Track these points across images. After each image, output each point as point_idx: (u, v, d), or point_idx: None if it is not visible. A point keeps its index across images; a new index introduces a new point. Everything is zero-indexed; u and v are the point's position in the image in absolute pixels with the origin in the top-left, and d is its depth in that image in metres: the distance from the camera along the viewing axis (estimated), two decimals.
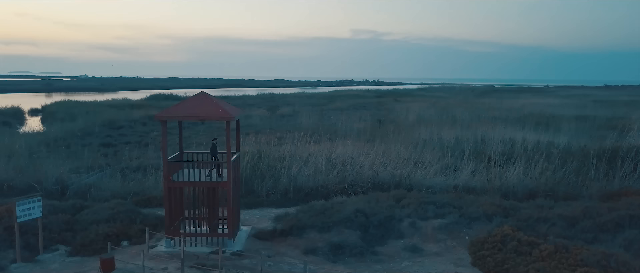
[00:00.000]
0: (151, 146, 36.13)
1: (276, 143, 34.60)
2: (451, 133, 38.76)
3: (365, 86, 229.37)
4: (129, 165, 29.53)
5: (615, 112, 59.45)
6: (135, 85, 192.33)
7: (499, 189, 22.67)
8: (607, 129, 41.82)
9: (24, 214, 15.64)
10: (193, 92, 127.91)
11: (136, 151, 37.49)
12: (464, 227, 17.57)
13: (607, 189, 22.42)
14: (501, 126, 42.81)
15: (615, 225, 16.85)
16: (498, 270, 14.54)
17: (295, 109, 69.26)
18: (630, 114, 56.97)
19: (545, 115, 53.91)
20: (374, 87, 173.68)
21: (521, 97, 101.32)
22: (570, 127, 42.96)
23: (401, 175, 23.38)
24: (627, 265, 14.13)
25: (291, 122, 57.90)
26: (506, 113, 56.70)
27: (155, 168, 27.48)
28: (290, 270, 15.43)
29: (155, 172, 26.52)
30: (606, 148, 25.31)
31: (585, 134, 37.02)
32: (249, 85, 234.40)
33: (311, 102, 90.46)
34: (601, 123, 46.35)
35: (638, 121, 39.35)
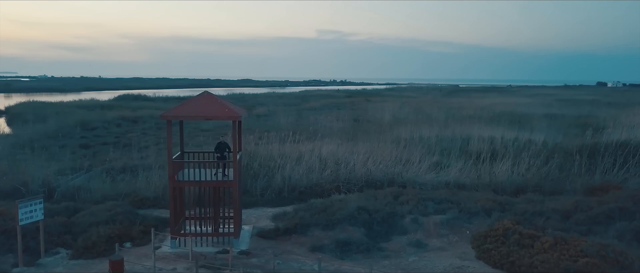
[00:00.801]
0: (134, 147, 35.49)
1: (260, 143, 34.56)
2: (431, 131, 39.52)
3: (333, 85, 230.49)
4: (113, 166, 28.96)
5: (581, 110, 61.83)
6: (99, 85, 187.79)
7: (488, 185, 23.37)
8: (576, 127, 43.54)
9: (26, 217, 15.25)
10: (162, 92, 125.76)
11: (116, 152, 36.84)
12: (464, 222, 18.09)
13: (589, 183, 23.40)
14: (477, 124, 43.90)
15: (606, 217, 17.68)
16: (504, 263, 15.07)
17: (270, 109, 69.16)
18: (595, 112, 59.46)
19: (517, 113, 55.54)
20: (343, 87, 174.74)
21: (488, 97, 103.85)
22: (542, 125, 44.43)
23: (394, 173, 23.80)
24: (624, 254, 14.88)
25: (268, 122, 57.79)
26: (478, 112, 58.08)
27: (143, 169, 27.09)
28: (300, 267, 15.58)
29: (143, 173, 26.14)
30: (586, 144, 26.43)
31: (557, 131, 38.36)
32: (216, 85, 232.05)
33: (284, 102, 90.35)
34: (570, 120, 48.12)
35: (610, 118, 41.04)
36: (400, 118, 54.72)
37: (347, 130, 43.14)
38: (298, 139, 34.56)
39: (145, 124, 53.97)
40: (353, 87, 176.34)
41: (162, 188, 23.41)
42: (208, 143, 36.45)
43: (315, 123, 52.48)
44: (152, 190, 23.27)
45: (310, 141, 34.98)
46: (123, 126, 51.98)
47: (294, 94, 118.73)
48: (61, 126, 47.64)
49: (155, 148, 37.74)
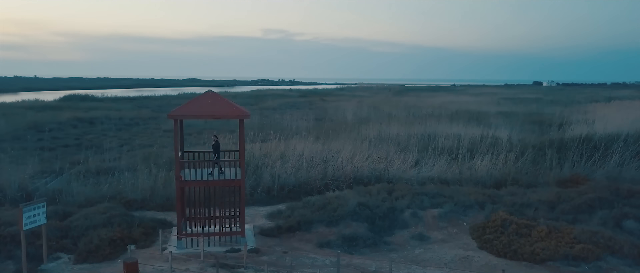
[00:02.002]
0: (106, 149, 34.33)
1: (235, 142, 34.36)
2: (398, 129, 40.56)
3: (282, 85, 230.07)
4: (87, 169, 27.96)
5: (530, 108, 65.12)
6: (37, 85, 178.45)
7: (469, 180, 24.41)
8: (532, 124, 45.96)
9: (30, 221, 14.66)
10: (108, 92, 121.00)
11: (80, 154, 35.53)
12: (460, 215, 18.92)
13: (560, 176, 24.95)
14: (439, 122, 45.44)
15: (588, 206, 19.03)
16: (507, 251, 15.95)
17: None
18: (543, 110, 62.85)
19: (472, 112, 57.78)
20: (294, 87, 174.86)
21: (437, 96, 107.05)
22: (499, 122, 46.54)
23: (380, 170, 24.42)
24: (613, 239, 16.16)
25: (231, 121, 57.24)
26: (434, 110, 59.99)
27: (119, 171, 26.37)
28: (312, 263, 15.84)
29: (122, 174, 25.47)
30: (554, 139, 28.11)
31: (517, 128, 40.32)
32: (161, 85, 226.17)
33: (238, 102, 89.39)
34: (523, 117, 50.58)
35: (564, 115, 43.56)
36: (362, 117, 55.67)
37: (314, 129, 43.51)
38: (266, 139, 34.63)
39: (103, 125, 52.16)
40: (304, 87, 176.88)
41: (150, 190, 22.96)
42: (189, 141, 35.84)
43: (280, 122, 52.55)
44: (138, 192, 22.72)
45: (279, 140, 35.06)
46: (79, 128, 50.02)
47: (246, 93, 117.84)
48: (13, 129, 45.30)
49: (121, 150, 36.69)
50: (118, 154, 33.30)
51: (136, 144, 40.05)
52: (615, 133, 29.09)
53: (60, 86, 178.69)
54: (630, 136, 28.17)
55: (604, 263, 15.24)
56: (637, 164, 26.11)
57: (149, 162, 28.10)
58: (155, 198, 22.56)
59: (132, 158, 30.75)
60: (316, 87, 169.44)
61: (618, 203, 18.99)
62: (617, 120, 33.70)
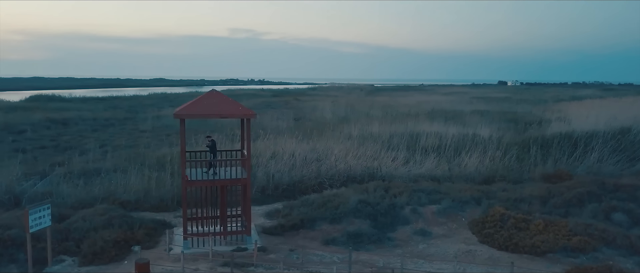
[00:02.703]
0: (86, 151, 33.63)
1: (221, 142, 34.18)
2: (380, 128, 41.09)
3: (252, 84, 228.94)
4: (71, 170, 27.36)
5: (502, 107, 66.83)
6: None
7: (458, 177, 25.04)
8: (507, 122, 47.21)
9: (35, 223, 14.37)
10: (78, 92, 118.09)
11: (59, 155, 34.75)
12: (458, 210, 19.42)
13: (544, 172, 25.83)
14: (417, 121, 46.22)
15: (578, 200, 19.81)
16: (508, 245, 16.51)
17: None
18: (514, 108, 64.60)
19: (448, 110, 58.96)
20: (264, 87, 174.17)
21: (409, 95, 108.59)
22: (476, 120, 47.66)
23: (373, 168, 24.78)
24: (606, 231, 16.91)
25: (209, 121, 56.72)
26: (411, 110, 60.91)
27: (105, 172, 25.96)
28: (320, 260, 16.03)
29: (113, 175, 25.09)
30: (537, 136, 29.09)
31: (494, 126, 41.43)
32: (127, 84, 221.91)
33: None
34: (498, 116, 51.92)
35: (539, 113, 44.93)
36: (341, 116, 56.09)
37: (296, 129, 43.63)
38: (255, 139, 34.57)
39: (77, 126, 50.98)
40: (275, 87, 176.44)
41: (143, 191, 22.69)
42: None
43: (261, 122, 52.41)
44: (131, 193, 22.42)
45: (268, 140, 35.09)
46: (53, 129, 48.75)
47: None
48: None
49: (101, 151, 36.01)
50: (100, 156, 32.71)
51: (116, 145, 39.33)
52: (593, 131, 30.30)
53: (22, 85, 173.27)
54: (606, 134, 29.40)
55: (600, 254, 15.95)
56: (615, 160, 27.28)
57: (136, 163, 27.73)
58: (149, 199, 22.31)
59: (117, 159, 30.23)
60: (287, 87, 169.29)
61: (605, 197, 19.84)
62: (592, 118, 35.07)
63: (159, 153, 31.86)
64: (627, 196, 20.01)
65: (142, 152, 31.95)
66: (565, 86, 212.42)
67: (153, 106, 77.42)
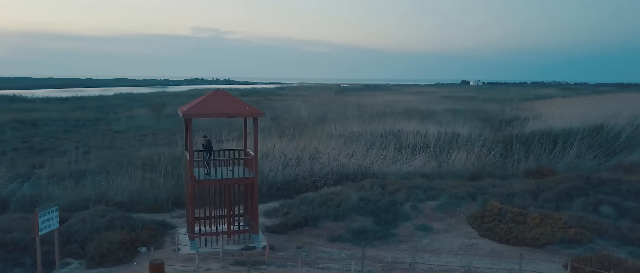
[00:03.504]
0: (62, 152, 32.75)
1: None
2: (360, 127, 41.60)
3: (217, 84, 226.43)
4: (55, 172, 26.65)
5: (472, 106, 68.55)
6: None
7: (446, 174, 25.69)
8: (481, 120, 48.52)
9: (44, 226, 14.04)
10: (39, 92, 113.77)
11: (34, 157, 33.80)
12: (455, 206, 20.00)
13: (527, 168, 26.82)
14: (393, 119, 46.99)
15: (567, 194, 20.72)
16: (509, 238, 17.13)
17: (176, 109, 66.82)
18: (485, 107, 66.38)
19: (421, 110, 60.08)
20: (232, 86, 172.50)
21: (377, 95, 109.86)
22: (450, 119, 48.79)
23: (365, 166, 25.15)
24: (598, 223, 17.79)
25: (200, 120, 55.98)
26: (386, 109, 61.77)
27: (90, 173, 25.40)
28: (330, 257, 16.24)
29: (100, 177, 24.59)
30: (520, 134, 30.13)
31: (469, 124, 42.55)
32: (88, 85, 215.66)
33: (181, 101, 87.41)
34: (471, 114, 53.31)
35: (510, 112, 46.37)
36: (317, 115, 56.37)
37: (276, 128, 43.63)
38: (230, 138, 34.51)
39: (48, 127, 49.47)
40: (242, 86, 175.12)
41: (137, 192, 22.36)
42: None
43: (238, 122, 52.12)
44: (125, 194, 22.08)
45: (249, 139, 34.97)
46: (22, 130, 47.17)
47: (186, 93, 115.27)
48: None
49: (78, 152, 35.14)
50: (80, 157, 31.94)
51: (94, 147, 38.46)
52: (569, 128, 31.61)
53: None
54: (583, 131, 30.73)
55: (595, 245, 16.77)
56: (592, 155, 28.57)
57: (122, 164, 27.25)
58: (144, 200, 22.03)
59: (100, 160, 29.59)
60: (255, 87, 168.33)
61: (591, 191, 20.80)
62: (567, 116, 36.53)
63: (142, 153, 31.35)
64: (611, 190, 21.03)
65: (125, 153, 31.36)
66: (525, 85, 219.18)
67: (121, 106, 75.85)
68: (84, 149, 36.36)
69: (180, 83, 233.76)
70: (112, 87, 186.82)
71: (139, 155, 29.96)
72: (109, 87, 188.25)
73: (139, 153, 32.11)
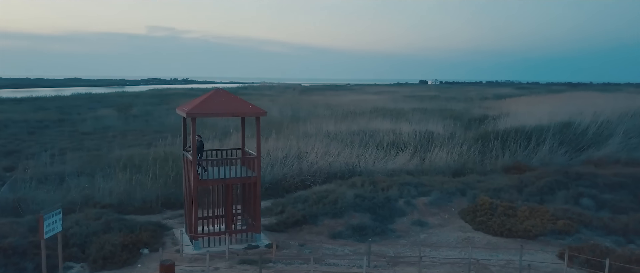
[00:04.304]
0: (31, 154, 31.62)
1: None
2: (335, 126, 41.95)
3: (176, 84, 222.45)
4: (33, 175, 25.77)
5: (437, 105, 70.16)
6: None
7: (430, 170, 26.38)
8: (450, 119, 49.80)
9: (49, 229, 13.65)
10: None
11: (4, 160, 32.48)
12: (446, 201, 20.63)
13: (505, 164, 27.88)
14: (369, 119, 47.65)
15: (549, 188, 21.72)
16: (502, 230, 17.86)
17: (142, 110, 65.45)
18: (449, 106, 68.06)
19: (390, 109, 61.02)
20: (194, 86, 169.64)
21: (341, 94, 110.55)
22: (417, 118, 49.82)
23: (353, 164, 25.51)
24: (582, 215, 18.78)
25: (151, 122, 54.98)
26: (356, 108, 62.41)
27: (68, 176, 24.75)
28: (333, 253, 16.50)
29: (83, 178, 23.99)
30: (495, 131, 31.24)
31: (440, 123, 43.62)
32: (39, 84, 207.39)
33: (142, 101, 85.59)
34: (438, 113, 54.55)
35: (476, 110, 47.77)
36: (289, 115, 56.41)
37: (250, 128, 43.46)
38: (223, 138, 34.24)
39: (8, 129, 47.45)
40: (202, 86, 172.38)
41: (126, 193, 21.93)
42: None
43: (212, 122, 51.66)
44: (114, 196, 21.61)
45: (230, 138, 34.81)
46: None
47: (146, 93, 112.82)
48: None
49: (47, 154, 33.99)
50: (56, 159, 30.91)
51: (62, 148, 37.22)
52: (540, 125, 33.00)
53: None
54: (553, 128, 32.15)
55: (582, 235, 17.70)
56: (563, 151, 29.95)
57: (102, 165, 26.64)
58: (133, 202, 21.63)
59: (77, 162, 28.75)
60: (216, 87, 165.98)
61: (571, 185, 21.89)
62: (537, 114, 38.07)
63: (120, 154, 30.68)
64: (589, 183, 22.19)
65: (102, 154, 30.60)
66: (481, 84, 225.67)
67: (82, 106, 73.51)
68: (53, 151, 35.17)
69: (138, 83, 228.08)
70: (65, 87, 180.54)
71: (118, 156, 29.30)
72: (62, 87, 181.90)
73: (115, 154, 31.40)
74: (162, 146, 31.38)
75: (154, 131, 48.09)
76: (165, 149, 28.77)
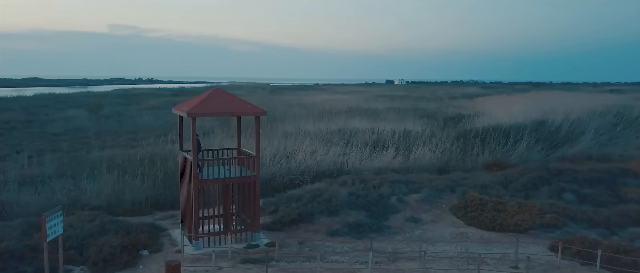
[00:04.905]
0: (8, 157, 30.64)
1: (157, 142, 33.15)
2: (313, 126, 42.19)
3: (141, 84, 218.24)
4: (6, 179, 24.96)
5: (409, 104, 71.26)
6: None
7: (415, 168, 26.89)
8: (424, 117, 50.73)
9: (51, 232, 13.36)
10: None
11: None
12: (437, 198, 21.11)
13: (485, 161, 28.67)
14: (344, 118, 48.05)
15: (533, 184, 22.50)
16: (494, 225, 18.44)
17: (113, 110, 64.09)
18: (421, 105, 69.24)
19: (364, 108, 61.64)
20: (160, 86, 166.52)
21: (312, 94, 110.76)
22: (392, 117, 50.56)
23: (341, 163, 25.76)
24: (567, 209, 19.56)
25: (124, 122, 53.90)
26: (331, 108, 62.75)
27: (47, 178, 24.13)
28: (333, 250, 16.72)
29: (65, 181, 23.43)
30: (474, 129, 32.08)
31: (417, 121, 44.44)
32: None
33: (109, 101, 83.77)
34: (412, 112, 55.44)
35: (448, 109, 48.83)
36: None
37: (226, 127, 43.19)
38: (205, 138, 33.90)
39: None
40: (170, 86, 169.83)
41: (114, 195, 21.57)
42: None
43: None
44: (102, 198, 21.23)
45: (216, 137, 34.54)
46: None
47: (113, 93, 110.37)
48: None
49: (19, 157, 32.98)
50: (31, 161, 30.02)
51: (34, 150, 36.14)
52: (516, 124, 34.09)
53: None
54: (528, 126, 33.28)
55: (569, 228, 18.46)
56: (539, 148, 31.05)
57: (84, 166, 26.07)
58: (122, 203, 21.30)
59: (56, 164, 28.01)
60: (183, 86, 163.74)
61: (553, 180, 22.75)
62: (508, 113, 39.28)
63: (101, 155, 30.07)
64: (569, 179, 23.10)
65: (82, 156, 29.93)
66: (447, 84, 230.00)
67: (48, 107, 71.45)
68: (29, 153, 34.13)
69: (101, 83, 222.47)
70: (25, 87, 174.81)
71: (99, 157, 28.71)
72: (21, 87, 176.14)
73: (94, 155, 30.76)
74: (145, 146, 30.88)
75: (128, 131, 47.29)
76: (150, 150, 28.34)
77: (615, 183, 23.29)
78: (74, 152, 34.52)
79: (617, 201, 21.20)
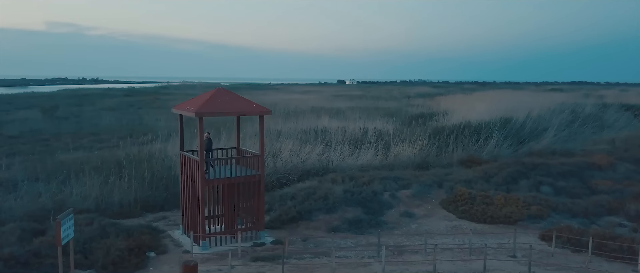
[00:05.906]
0: None
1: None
2: (282, 125, 42.31)
3: (84, 84, 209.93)
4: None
5: (370, 103, 72.49)
6: None
7: (395, 165, 27.65)
8: (389, 116, 51.82)
9: (65, 235, 13.00)
10: None
11: None
12: (426, 193, 21.85)
13: (460, 157, 29.83)
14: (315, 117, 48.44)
15: (512, 178, 23.67)
16: (485, 218, 19.35)
17: (69, 111, 61.67)
18: (381, 105, 70.62)
19: (327, 108, 62.23)
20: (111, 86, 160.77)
21: (268, 94, 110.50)
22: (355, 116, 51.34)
23: (326, 161, 26.11)
24: (549, 201, 20.78)
25: (82, 123, 51.95)
26: (297, 108, 62.92)
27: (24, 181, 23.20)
28: (338, 245, 17.05)
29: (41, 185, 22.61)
30: (448, 127, 33.25)
31: (384, 120, 45.43)
32: None
33: (63, 102, 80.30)
34: (375, 111, 56.53)
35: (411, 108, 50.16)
36: None
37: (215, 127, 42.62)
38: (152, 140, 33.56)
39: None
40: (118, 86, 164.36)
41: (102, 198, 21.03)
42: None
43: (147, 122, 49.95)
44: (90, 201, 20.66)
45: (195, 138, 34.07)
46: None
47: (61, 93, 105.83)
48: None
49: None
50: None
51: None
52: (485, 122, 35.58)
53: None
54: (496, 123, 34.83)
55: (553, 219, 19.62)
56: (508, 144, 32.59)
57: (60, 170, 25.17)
58: (110, 206, 20.82)
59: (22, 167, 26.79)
60: (133, 86, 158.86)
61: (530, 174, 24.03)
62: (473, 111, 40.88)
63: (68, 158, 29.13)
64: (544, 172, 24.46)
65: (49, 158, 28.81)
66: (396, 83, 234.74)
67: None
68: None
69: (42, 83, 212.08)
70: None
71: (73, 160, 27.77)
72: None
73: (63, 157, 29.72)
74: (121, 148, 30.07)
75: (89, 133, 45.78)
76: (129, 151, 27.71)
77: (584, 175, 24.88)
78: (35, 155, 33.09)
79: (590, 192, 22.68)
